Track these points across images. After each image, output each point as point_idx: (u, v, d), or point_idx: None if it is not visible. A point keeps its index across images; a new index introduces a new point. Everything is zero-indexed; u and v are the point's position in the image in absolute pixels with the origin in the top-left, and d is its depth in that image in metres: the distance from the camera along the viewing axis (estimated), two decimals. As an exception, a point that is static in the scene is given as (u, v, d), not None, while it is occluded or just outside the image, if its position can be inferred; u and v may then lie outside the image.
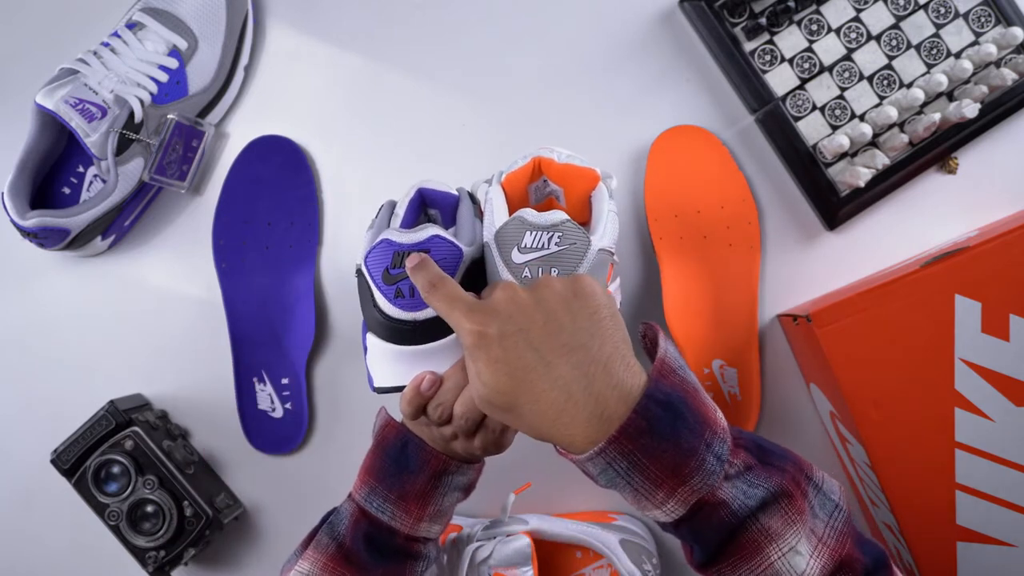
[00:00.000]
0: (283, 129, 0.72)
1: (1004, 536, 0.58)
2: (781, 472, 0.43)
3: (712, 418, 0.42)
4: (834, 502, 0.44)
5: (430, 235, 0.49)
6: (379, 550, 0.52)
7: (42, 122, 0.66)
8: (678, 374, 0.43)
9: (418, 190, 0.55)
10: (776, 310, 0.69)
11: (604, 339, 0.43)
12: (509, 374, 0.43)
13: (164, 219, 0.73)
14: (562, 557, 0.67)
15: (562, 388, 0.42)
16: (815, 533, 0.42)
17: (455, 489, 0.54)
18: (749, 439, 0.44)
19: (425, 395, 0.51)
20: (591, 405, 0.41)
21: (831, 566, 0.41)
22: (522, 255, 0.49)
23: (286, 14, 0.73)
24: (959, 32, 0.66)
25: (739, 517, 0.41)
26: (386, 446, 0.54)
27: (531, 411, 0.43)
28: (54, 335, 0.74)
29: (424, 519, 0.53)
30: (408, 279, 0.49)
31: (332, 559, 0.52)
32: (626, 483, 0.41)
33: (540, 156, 0.54)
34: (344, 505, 0.55)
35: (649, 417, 0.40)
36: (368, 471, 0.54)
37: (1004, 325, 0.56)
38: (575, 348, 0.43)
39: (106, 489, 0.66)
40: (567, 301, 0.44)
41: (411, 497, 0.52)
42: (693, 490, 0.41)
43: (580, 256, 0.49)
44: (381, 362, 0.52)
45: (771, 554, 0.41)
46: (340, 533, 0.53)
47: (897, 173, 0.67)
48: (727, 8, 0.67)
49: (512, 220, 0.50)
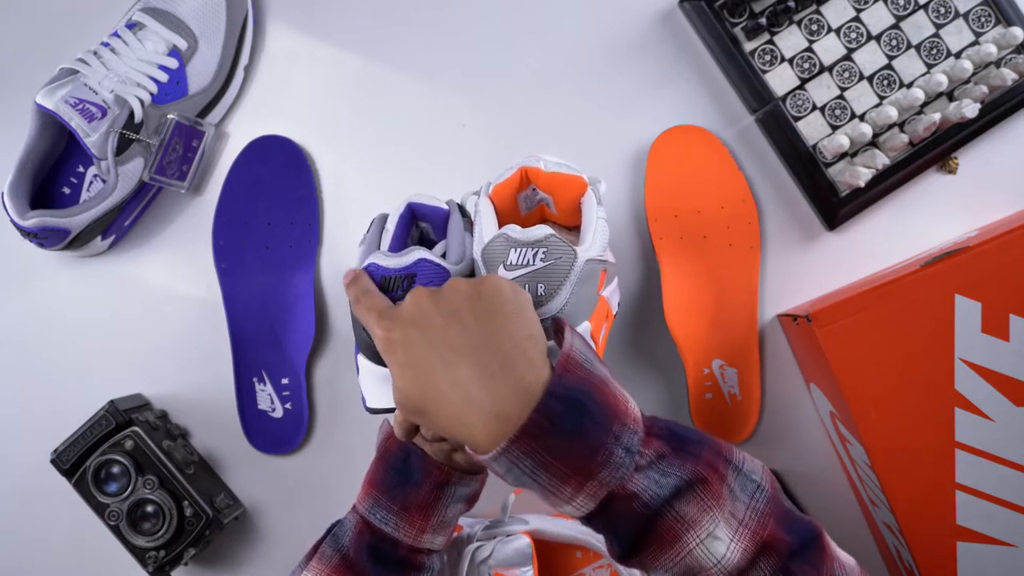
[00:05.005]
0: (283, 129, 0.72)
1: (1004, 536, 0.58)
2: (696, 458, 0.42)
3: (621, 410, 0.42)
4: (755, 482, 0.43)
5: (416, 259, 0.49)
6: (383, 562, 0.52)
7: (42, 122, 0.66)
8: (584, 367, 0.42)
9: (408, 205, 0.55)
10: (776, 310, 0.69)
11: (504, 336, 0.43)
12: (414, 377, 0.43)
13: (164, 219, 0.73)
14: (562, 557, 0.67)
15: (462, 388, 0.42)
16: (735, 516, 0.41)
17: (458, 500, 0.54)
18: (663, 427, 0.44)
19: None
20: (489, 404, 0.41)
21: (753, 549, 0.41)
22: (508, 272, 0.49)
23: (286, 14, 0.73)
24: (959, 32, 0.67)
25: (652, 507, 0.40)
26: (389, 458, 0.54)
27: (437, 413, 0.43)
28: (54, 335, 0.73)
29: (427, 530, 0.53)
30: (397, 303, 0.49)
31: (336, 570, 0.52)
32: (532, 481, 0.41)
33: (526, 166, 0.54)
34: (348, 516, 0.55)
35: (551, 415, 0.40)
36: (371, 483, 0.54)
37: (1004, 325, 0.56)
38: (477, 348, 0.43)
39: (106, 489, 0.66)
40: (471, 301, 0.44)
41: (414, 508, 0.52)
42: (602, 484, 0.40)
43: (567, 270, 0.49)
44: (373, 384, 0.52)
45: (689, 541, 0.40)
46: (344, 545, 0.53)
47: (897, 173, 0.67)
48: (727, 8, 0.67)
49: (497, 237, 0.50)
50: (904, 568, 0.63)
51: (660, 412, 0.70)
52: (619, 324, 0.70)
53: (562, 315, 0.49)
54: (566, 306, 0.49)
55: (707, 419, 0.68)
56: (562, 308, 0.49)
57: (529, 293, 0.47)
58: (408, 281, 0.49)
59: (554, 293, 0.49)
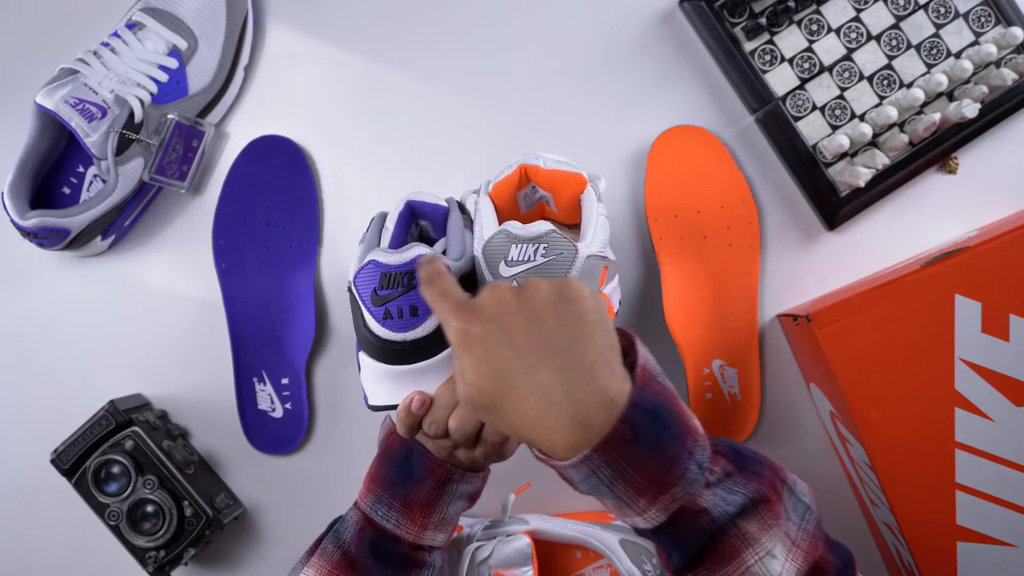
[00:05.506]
0: (283, 129, 0.72)
1: (1004, 536, 0.58)
2: (759, 477, 0.43)
3: (693, 426, 0.42)
4: (806, 504, 0.44)
5: (416, 255, 0.49)
6: (384, 558, 0.52)
7: (42, 122, 0.66)
8: (659, 381, 0.43)
9: (407, 203, 0.55)
10: (776, 310, 0.69)
11: (588, 344, 0.42)
12: (491, 374, 0.42)
13: (164, 219, 0.73)
14: (562, 557, 0.67)
15: (543, 392, 0.41)
16: (789, 536, 0.42)
17: (460, 497, 0.54)
18: (727, 445, 0.45)
19: (416, 415, 0.51)
20: (572, 410, 0.41)
21: (805, 568, 0.42)
22: (510, 268, 0.49)
23: (286, 14, 0.73)
24: (959, 32, 0.66)
25: (719, 524, 0.41)
26: (391, 455, 0.54)
27: (512, 413, 0.42)
28: (54, 335, 0.73)
29: (429, 527, 0.53)
30: (398, 300, 0.49)
31: (337, 567, 0.52)
32: (608, 490, 0.41)
33: (526, 164, 0.54)
34: (350, 513, 0.55)
35: (635, 426, 0.40)
36: (373, 479, 0.54)
37: (1004, 325, 0.56)
38: (558, 352, 0.42)
39: (106, 489, 0.66)
40: (553, 303, 0.43)
41: (416, 505, 0.52)
42: (675, 498, 0.41)
43: (568, 265, 0.49)
44: (374, 381, 0.52)
45: (748, 559, 0.41)
46: (345, 541, 0.53)
47: (897, 173, 0.66)
48: (727, 8, 0.67)
49: (498, 234, 0.50)
50: (904, 568, 0.63)
51: (660, 412, 0.70)
52: (619, 323, 0.70)
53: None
54: None
55: (707, 419, 0.68)
56: None
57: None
58: (408, 277, 0.49)
59: None
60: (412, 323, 0.49)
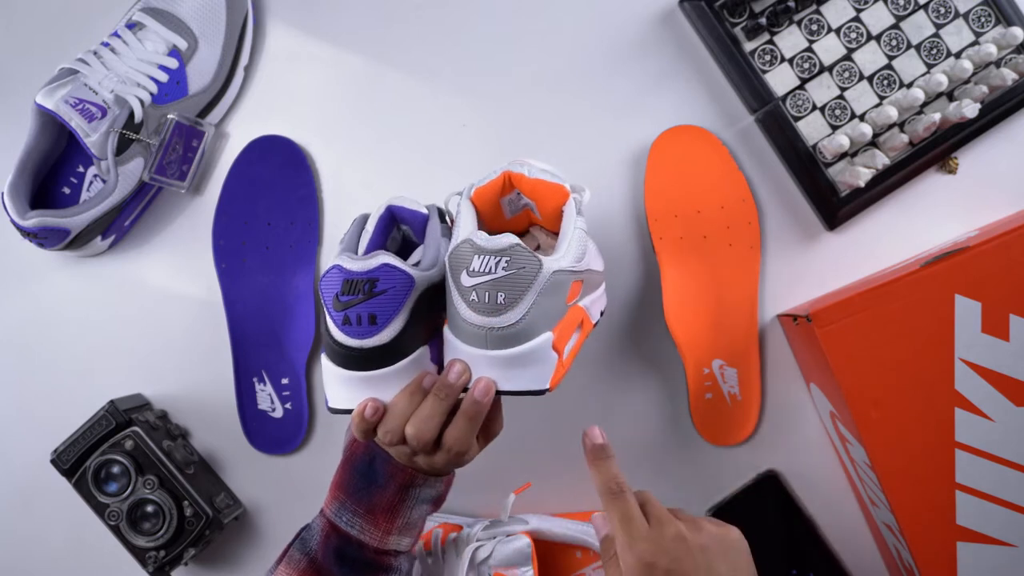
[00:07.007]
0: (283, 129, 0.72)
1: (1004, 536, 0.58)
2: None
3: None
4: None
5: (380, 263, 0.48)
6: (350, 564, 0.53)
7: (42, 122, 0.66)
8: None
9: (388, 207, 0.55)
10: (776, 310, 0.69)
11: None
12: None
13: (164, 219, 0.73)
14: (562, 557, 0.67)
15: None
16: None
17: (423, 502, 0.54)
18: None
19: (369, 421, 0.50)
20: None
21: None
22: (471, 278, 0.48)
23: (286, 14, 0.73)
24: (959, 32, 0.66)
25: None
26: (355, 461, 0.54)
27: None
28: (54, 335, 0.73)
29: (393, 532, 0.53)
30: (358, 307, 0.48)
31: (304, 574, 0.53)
32: None
33: (510, 171, 0.54)
34: (316, 520, 0.55)
35: None
36: (338, 486, 0.54)
37: (1004, 325, 0.56)
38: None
39: (106, 489, 0.66)
40: (724, 551, 0.49)
41: (379, 511, 0.53)
42: None
43: (529, 280, 0.48)
44: (333, 384, 0.52)
45: None
46: (312, 548, 0.54)
47: (897, 173, 0.67)
48: (727, 8, 0.67)
49: (463, 243, 0.49)
50: (904, 568, 0.63)
51: (660, 412, 0.70)
52: (619, 324, 0.70)
53: (522, 324, 0.49)
54: (526, 316, 0.48)
55: (707, 419, 0.68)
56: (522, 317, 0.48)
57: (489, 301, 0.47)
58: (370, 284, 0.48)
59: (514, 302, 0.48)
60: (370, 331, 0.48)
